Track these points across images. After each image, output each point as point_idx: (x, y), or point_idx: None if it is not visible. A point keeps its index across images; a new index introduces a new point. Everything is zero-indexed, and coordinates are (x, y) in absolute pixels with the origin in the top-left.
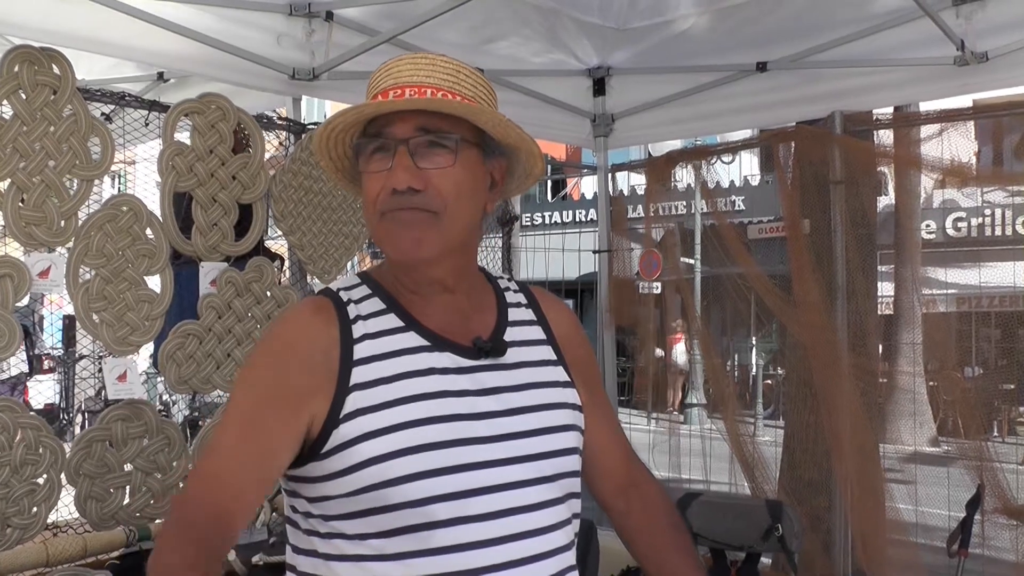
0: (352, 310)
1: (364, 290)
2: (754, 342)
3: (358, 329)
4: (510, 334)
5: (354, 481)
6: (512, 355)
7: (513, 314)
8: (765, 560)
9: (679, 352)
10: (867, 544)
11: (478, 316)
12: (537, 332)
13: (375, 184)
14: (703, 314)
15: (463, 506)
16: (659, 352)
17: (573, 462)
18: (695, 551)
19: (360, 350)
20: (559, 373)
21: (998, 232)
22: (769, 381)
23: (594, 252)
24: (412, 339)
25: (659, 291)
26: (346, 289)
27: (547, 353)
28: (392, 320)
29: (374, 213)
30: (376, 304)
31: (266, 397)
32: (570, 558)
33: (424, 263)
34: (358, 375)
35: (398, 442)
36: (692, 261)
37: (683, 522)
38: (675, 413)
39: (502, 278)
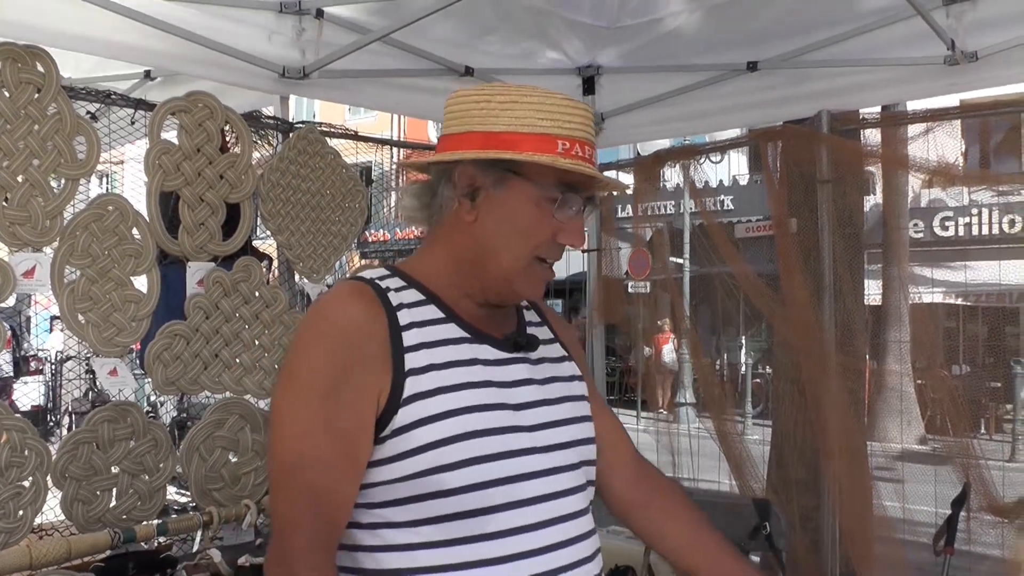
0: (394, 298)
1: (399, 281)
2: (743, 341)
3: (403, 317)
4: (532, 333)
5: (409, 466)
6: (536, 351)
7: (527, 316)
8: (753, 559)
9: (668, 352)
10: (855, 543)
11: (503, 317)
12: (547, 332)
13: (545, 228)
14: (692, 313)
15: (517, 490)
16: (647, 351)
17: (592, 451)
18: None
19: (409, 337)
20: (572, 368)
21: (984, 231)
22: (758, 380)
23: (583, 251)
24: (454, 330)
25: (648, 291)
26: (380, 279)
27: (559, 351)
28: (433, 311)
29: (528, 252)
30: (415, 295)
31: (337, 390)
32: (598, 540)
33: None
34: (411, 361)
35: (454, 428)
36: (681, 260)
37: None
38: (664, 412)
39: None
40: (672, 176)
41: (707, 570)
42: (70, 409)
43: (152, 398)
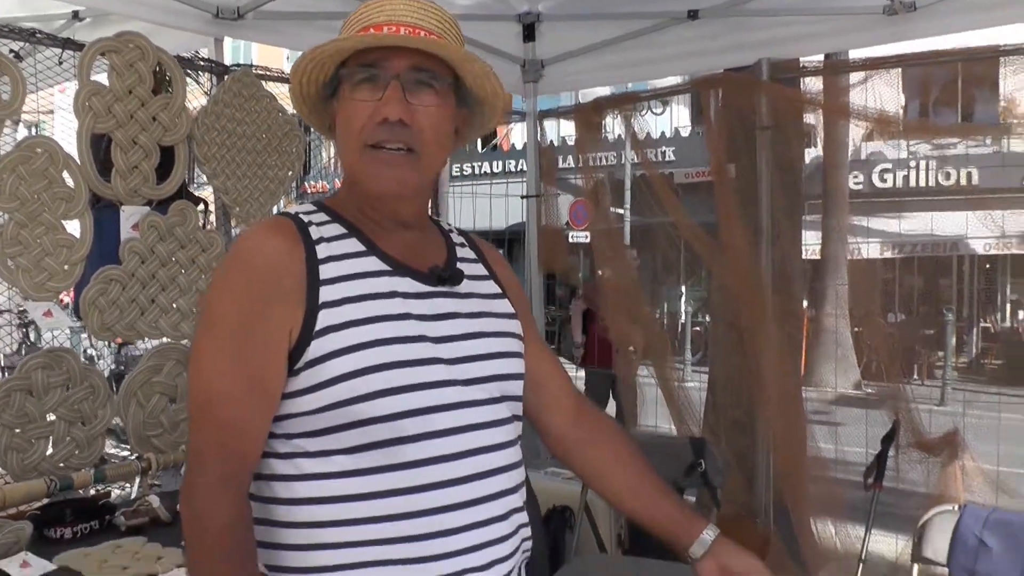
0: (314, 232)
1: (323, 216)
2: (683, 290)
3: (322, 250)
4: (460, 268)
5: (323, 397)
6: (464, 286)
7: (460, 252)
8: (689, 498)
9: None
10: (788, 481)
11: (431, 251)
12: (481, 269)
13: (361, 113)
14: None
15: (430, 421)
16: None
17: (519, 387)
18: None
19: (326, 270)
20: (505, 305)
21: (922, 183)
22: (698, 328)
23: (522, 197)
24: (374, 263)
25: (588, 240)
26: (305, 213)
27: (493, 287)
28: (354, 244)
29: (356, 143)
30: (337, 229)
31: (249, 326)
32: (522, 474)
33: (398, 201)
34: (326, 294)
35: (368, 359)
36: (621, 211)
37: (637, 445)
38: None
39: (442, 223)
40: (614, 127)
41: (646, 512)
42: (2, 364)
43: (89, 351)
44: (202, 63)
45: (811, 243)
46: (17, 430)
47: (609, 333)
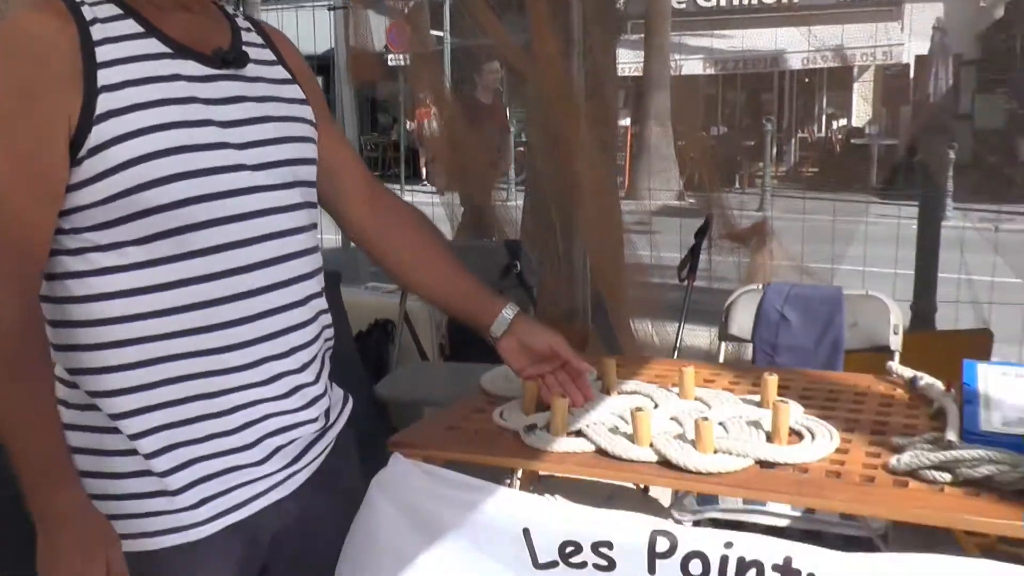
0: (87, 12)
1: None
2: (508, 112)
3: (97, 32)
4: (246, 51)
5: (110, 185)
6: (251, 70)
7: (246, 37)
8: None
9: (430, 125)
10: (606, 285)
11: (215, 34)
12: (269, 55)
13: None
14: (453, 86)
15: (219, 207)
16: (410, 125)
17: (311, 172)
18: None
19: (103, 52)
20: (295, 91)
21: (745, 1)
22: (521, 148)
23: (329, 9)
24: (155, 45)
25: (408, 64)
26: None
27: (282, 73)
28: (132, 26)
29: None
30: (112, 9)
31: (21, 114)
32: (319, 260)
33: None
34: (104, 77)
35: (153, 144)
36: (441, 33)
37: (438, 229)
38: (428, 184)
39: (227, 8)
40: None
41: (447, 295)
42: None
43: None
44: None
45: (634, 61)
46: None
47: (422, 157)
